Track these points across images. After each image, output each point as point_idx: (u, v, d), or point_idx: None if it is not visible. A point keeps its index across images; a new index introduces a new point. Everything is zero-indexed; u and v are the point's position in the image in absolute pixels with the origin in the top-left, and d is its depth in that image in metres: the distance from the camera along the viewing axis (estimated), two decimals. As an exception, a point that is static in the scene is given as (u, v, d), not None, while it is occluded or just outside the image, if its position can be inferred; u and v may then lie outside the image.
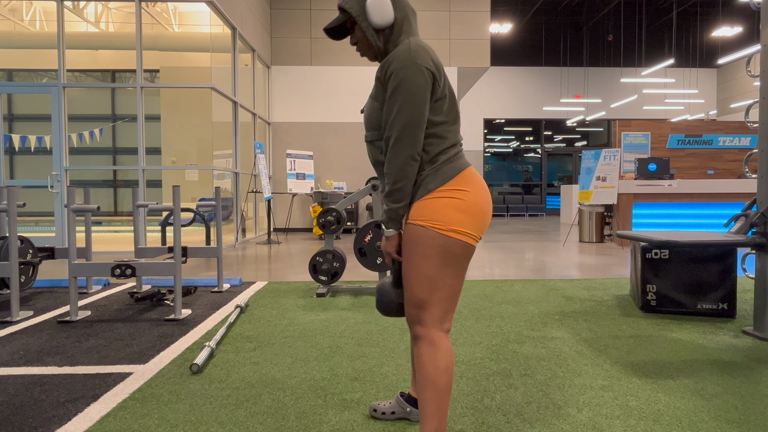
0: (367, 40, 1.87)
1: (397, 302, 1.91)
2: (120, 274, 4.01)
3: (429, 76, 1.75)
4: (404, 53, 1.75)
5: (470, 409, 2.40)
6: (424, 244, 1.78)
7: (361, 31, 1.87)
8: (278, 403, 2.48)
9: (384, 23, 1.81)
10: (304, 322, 3.97)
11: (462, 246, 1.79)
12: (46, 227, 11.64)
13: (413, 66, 1.73)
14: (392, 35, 1.85)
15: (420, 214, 1.79)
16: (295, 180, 10.57)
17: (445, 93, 1.83)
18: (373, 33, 1.84)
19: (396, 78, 1.74)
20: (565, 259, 7.48)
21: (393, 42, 1.85)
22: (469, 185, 1.81)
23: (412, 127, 1.73)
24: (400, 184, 1.75)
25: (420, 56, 1.75)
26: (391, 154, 1.75)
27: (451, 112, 1.84)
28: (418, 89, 1.73)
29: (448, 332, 1.87)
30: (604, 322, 3.95)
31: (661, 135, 10.96)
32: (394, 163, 1.75)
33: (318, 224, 4.84)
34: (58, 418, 2.32)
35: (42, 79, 13.97)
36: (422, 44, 1.80)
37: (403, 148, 1.74)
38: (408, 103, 1.73)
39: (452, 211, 1.77)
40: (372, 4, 1.79)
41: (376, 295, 1.95)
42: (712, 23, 19.50)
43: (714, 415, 2.33)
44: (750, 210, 3.87)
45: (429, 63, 1.76)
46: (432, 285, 1.80)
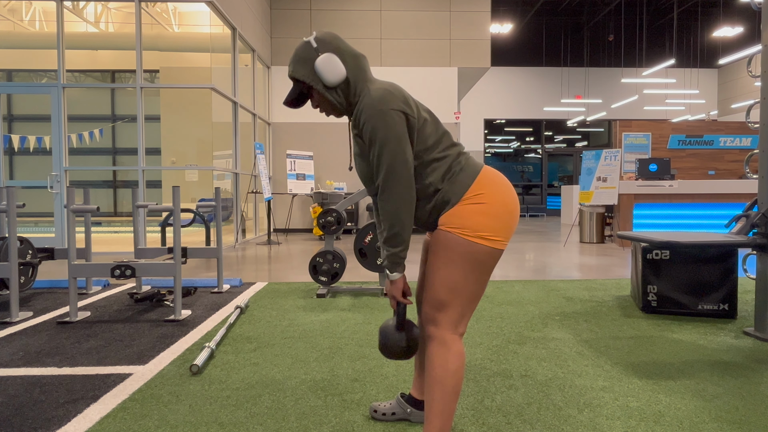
0: (327, 101, 1.87)
1: (400, 346, 1.91)
2: (120, 274, 4.00)
3: (399, 116, 1.76)
4: (370, 103, 1.76)
5: (470, 409, 2.40)
6: (452, 249, 1.79)
7: (318, 94, 1.87)
8: (278, 404, 2.48)
9: (338, 80, 1.81)
10: (304, 323, 3.97)
11: (489, 253, 1.80)
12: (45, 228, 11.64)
13: (381, 113, 1.74)
14: (349, 88, 1.84)
15: (449, 221, 1.81)
16: (295, 180, 10.56)
17: (424, 117, 1.84)
18: (331, 92, 1.84)
19: (368, 129, 1.76)
20: (566, 259, 7.47)
21: (353, 94, 1.85)
22: (489, 186, 1.83)
23: (396, 170, 1.74)
24: (396, 229, 1.76)
25: (385, 101, 1.75)
26: (382, 201, 1.77)
27: (437, 132, 1.86)
28: (392, 133, 1.74)
29: (462, 336, 1.87)
30: (605, 323, 3.94)
31: (661, 135, 10.95)
32: (386, 209, 1.76)
33: (318, 225, 4.84)
34: (58, 419, 2.31)
35: (41, 79, 13.97)
36: (383, 86, 1.80)
37: (392, 192, 1.75)
38: (386, 149, 1.74)
39: (479, 217, 1.79)
40: (321, 65, 1.79)
41: (379, 337, 1.96)
42: (713, 23, 19.50)
43: (715, 416, 2.32)
44: (751, 210, 3.87)
45: (395, 104, 1.76)
46: (453, 288, 1.81)
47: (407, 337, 1.90)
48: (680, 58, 19.75)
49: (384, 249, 1.82)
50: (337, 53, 1.82)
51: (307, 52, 1.82)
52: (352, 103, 1.87)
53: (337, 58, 1.80)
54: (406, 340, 1.90)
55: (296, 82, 1.88)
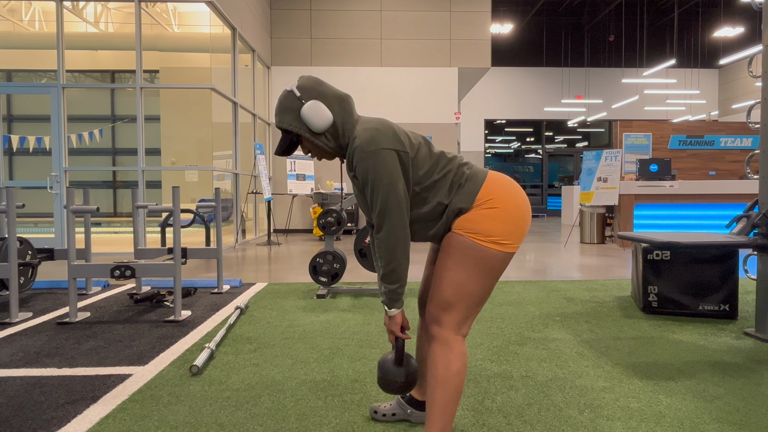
0: (316, 147, 1.88)
1: (398, 381, 1.92)
2: (119, 275, 4.00)
3: (390, 155, 1.77)
4: (360, 145, 1.77)
5: (471, 410, 2.39)
6: (464, 252, 1.80)
7: (308, 141, 1.87)
8: (278, 404, 2.47)
9: (325, 126, 1.81)
10: (305, 324, 3.96)
11: (501, 257, 1.82)
12: (45, 228, 11.64)
13: (372, 154, 1.75)
14: (338, 131, 1.85)
15: (462, 225, 1.82)
16: (295, 181, 10.56)
17: (417, 144, 1.86)
18: (319, 137, 1.85)
19: (361, 170, 1.77)
20: (566, 260, 7.47)
21: (342, 136, 1.86)
22: (498, 190, 1.84)
23: (389, 209, 1.76)
24: (392, 266, 1.78)
25: (375, 141, 1.76)
26: (378, 239, 1.79)
27: (432, 154, 1.87)
28: (384, 172, 1.75)
29: (465, 337, 1.88)
30: (606, 324, 3.94)
31: (662, 136, 10.95)
32: (382, 247, 1.78)
33: (318, 225, 4.83)
34: (58, 420, 2.31)
35: (41, 79, 13.97)
36: (371, 126, 1.80)
37: (388, 230, 1.77)
38: (378, 188, 1.75)
39: (492, 222, 1.80)
40: (306, 113, 1.80)
41: (377, 371, 1.96)
42: (713, 24, 19.49)
43: (715, 417, 2.32)
44: (752, 211, 3.86)
45: (386, 143, 1.77)
46: (460, 290, 1.82)
47: (406, 372, 1.91)
48: (681, 58, 19.75)
49: (382, 285, 1.84)
50: (321, 98, 1.82)
51: (291, 101, 1.83)
52: (342, 145, 1.88)
53: (322, 104, 1.81)
54: (404, 375, 1.91)
55: (285, 132, 1.88)
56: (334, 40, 12.26)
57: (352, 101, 1.90)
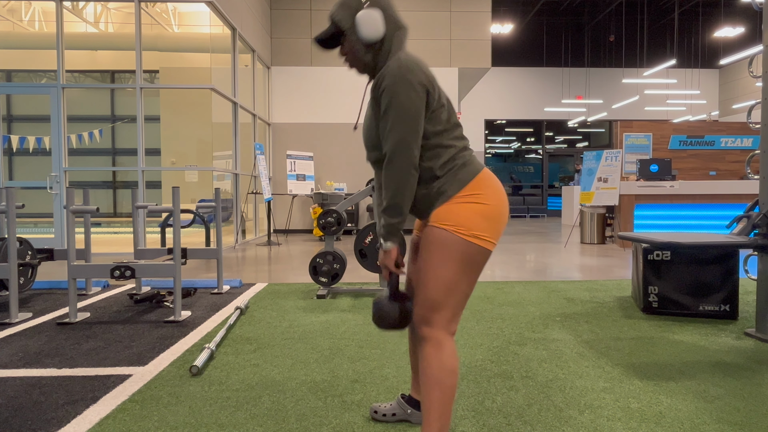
0: (355, 54, 1.85)
1: (393, 316, 1.91)
2: (119, 275, 4.00)
3: (422, 90, 1.74)
4: (395, 69, 1.74)
5: (471, 411, 2.39)
6: (447, 248, 1.78)
7: (350, 44, 1.84)
8: (278, 405, 2.47)
9: (373, 38, 1.79)
10: (305, 324, 3.96)
11: (481, 252, 1.80)
12: (45, 228, 11.63)
13: (405, 82, 1.72)
14: (381, 50, 1.83)
15: (444, 218, 1.79)
16: (295, 181, 10.56)
17: (442, 103, 1.83)
18: (362, 47, 1.82)
19: (388, 94, 1.73)
20: (567, 260, 7.46)
21: (382, 57, 1.83)
22: (487, 188, 1.82)
23: (406, 142, 1.73)
24: (397, 199, 1.75)
25: (411, 71, 1.73)
26: (387, 170, 1.75)
27: (450, 120, 1.84)
28: (410, 104, 1.72)
29: (454, 335, 1.87)
30: (606, 324, 3.93)
31: (662, 136, 10.95)
32: (390, 179, 1.75)
33: (318, 225, 4.83)
34: (57, 420, 2.30)
35: (41, 79, 13.97)
36: (413, 58, 1.78)
37: (399, 163, 1.73)
38: (401, 118, 1.72)
39: (476, 217, 1.78)
40: (362, 18, 1.77)
41: (372, 309, 1.95)
42: (714, 24, 19.49)
43: (716, 417, 2.31)
44: (752, 211, 3.86)
45: (421, 77, 1.75)
46: (448, 288, 1.80)
47: (400, 307, 1.89)
48: (681, 58, 19.75)
49: (382, 218, 1.80)
50: (383, 12, 1.80)
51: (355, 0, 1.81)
52: (378, 65, 1.85)
53: (381, 17, 1.78)
54: (398, 311, 1.90)
55: (332, 24, 1.85)
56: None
57: (406, 34, 1.88)
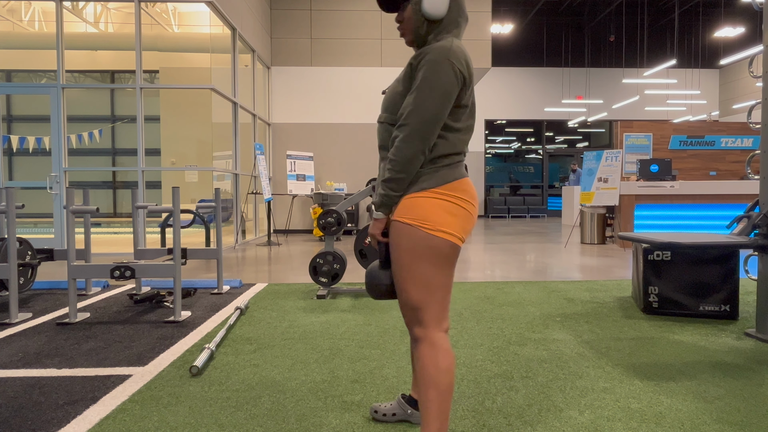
0: (411, 23, 1.85)
1: (385, 283, 1.91)
2: (119, 275, 3.99)
3: (460, 78, 1.74)
4: (443, 49, 1.73)
5: (471, 411, 2.39)
6: (416, 245, 1.77)
7: (410, 12, 1.84)
8: (278, 405, 2.47)
9: (435, 15, 1.79)
10: (305, 324, 3.96)
11: (450, 246, 1.79)
12: (44, 229, 11.63)
13: (447, 63, 1.72)
14: (437, 29, 1.82)
15: (408, 212, 1.78)
16: (295, 181, 10.55)
17: (469, 103, 1.83)
18: (421, 19, 1.82)
19: (427, 69, 1.72)
20: (567, 260, 7.46)
21: (435, 36, 1.83)
22: (460, 192, 1.81)
23: (430, 123, 1.72)
24: (402, 175, 1.74)
25: (457, 57, 1.74)
26: (402, 143, 1.73)
27: (467, 123, 1.84)
28: (445, 87, 1.72)
29: (447, 332, 1.87)
30: (606, 324, 3.93)
31: (663, 136, 10.94)
32: (402, 153, 1.73)
33: (318, 226, 4.83)
34: (57, 421, 2.30)
35: (41, 79, 13.97)
36: (463, 48, 1.79)
37: (415, 141, 1.72)
38: (431, 98, 1.71)
39: (442, 213, 1.77)
40: None
41: (365, 279, 1.95)
42: (714, 24, 19.49)
43: (716, 418, 2.31)
44: (752, 211, 3.86)
45: (463, 66, 1.75)
46: (427, 286, 1.80)
47: (391, 275, 1.88)
48: (681, 58, 19.74)
49: (381, 187, 1.79)
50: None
51: None
52: (428, 42, 1.85)
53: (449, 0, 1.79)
54: (390, 278, 1.89)
55: None
56: (334, 41, 12.25)
57: (466, 24, 1.88)
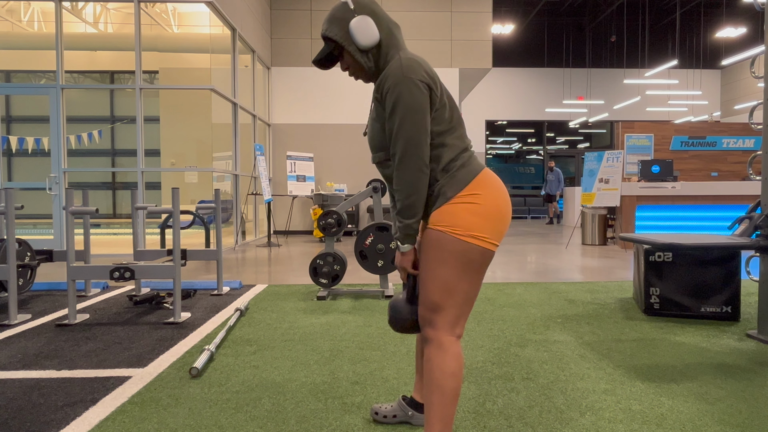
0: (357, 64, 1.86)
1: (410, 319, 1.89)
2: (119, 276, 3.98)
3: (425, 88, 1.75)
4: (397, 69, 1.75)
5: (472, 413, 2.37)
6: (443, 248, 1.77)
7: (349, 55, 1.85)
8: (278, 407, 2.45)
9: (370, 43, 1.80)
10: (305, 326, 3.95)
11: (481, 252, 1.78)
12: (44, 230, 11.62)
13: (407, 81, 1.73)
14: (380, 53, 1.83)
15: (440, 219, 1.78)
16: (295, 182, 10.55)
17: (444, 101, 1.82)
18: (362, 55, 1.83)
19: (392, 95, 1.74)
20: (568, 261, 7.45)
21: (383, 60, 1.84)
22: (486, 188, 1.80)
23: (415, 140, 1.73)
24: (411, 200, 1.75)
25: (413, 70, 1.74)
26: (399, 171, 1.75)
27: (453, 119, 1.84)
28: (415, 103, 1.73)
29: (460, 337, 1.86)
30: (607, 326, 3.92)
31: (664, 137, 10.93)
32: (402, 179, 1.74)
33: (318, 227, 4.82)
34: (57, 422, 2.29)
35: (40, 80, 13.96)
36: (413, 57, 1.79)
37: (409, 162, 1.73)
38: (407, 118, 1.73)
39: (471, 216, 1.76)
40: (355, 26, 1.78)
41: (388, 312, 1.94)
42: (715, 24, 19.48)
43: (718, 419, 2.30)
44: (754, 212, 3.84)
45: (423, 75, 1.75)
46: (447, 289, 1.79)
47: (417, 310, 1.87)
48: (683, 59, 19.73)
49: (397, 220, 1.80)
50: (373, 17, 1.81)
51: (342, 12, 1.81)
52: (381, 68, 1.85)
53: (373, 21, 1.79)
54: (416, 314, 1.88)
55: (328, 42, 1.86)
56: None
57: (401, 31, 1.89)
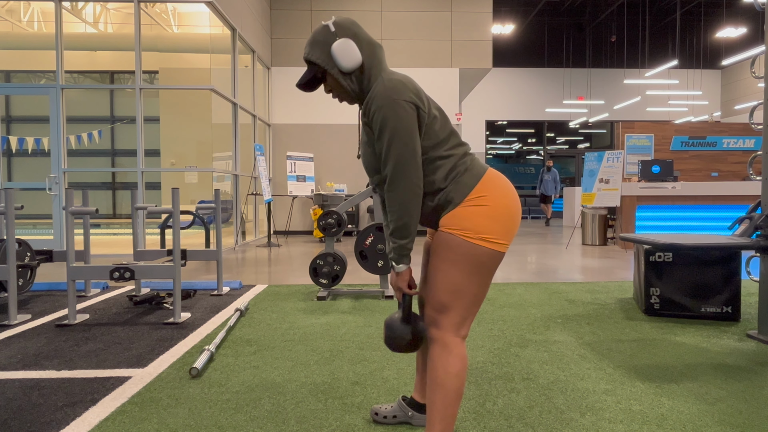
0: (340, 86, 1.86)
1: (406, 339, 1.89)
2: (119, 277, 3.98)
3: (411, 107, 1.75)
4: (381, 92, 1.75)
5: (472, 413, 2.37)
6: (453, 250, 1.78)
7: (332, 78, 1.85)
8: (278, 407, 2.45)
9: (353, 66, 1.80)
10: (305, 326, 3.94)
11: (490, 255, 1.79)
12: (44, 230, 11.62)
13: (393, 102, 1.73)
14: (363, 75, 1.83)
15: (450, 222, 1.79)
16: (295, 182, 10.54)
17: (434, 114, 1.83)
18: (345, 78, 1.83)
19: (378, 118, 1.75)
20: (568, 262, 7.45)
21: (366, 81, 1.84)
22: (493, 189, 1.81)
23: (405, 161, 1.73)
24: (403, 220, 1.75)
25: (397, 91, 1.74)
26: (390, 192, 1.76)
27: (445, 130, 1.85)
28: (402, 124, 1.73)
29: (465, 338, 1.86)
30: (607, 326, 3.92)
31: (664, 137, 10.93)
32: (394, 200, 1.75)
33: (318, 227, 4.81)
34: (57, 423, 2.29)
35: (40, 80, 13.96)
36: (397, 77, 1.79)
37: (400, 183, 1.74)
38: (396, 139, 1.73)
39: (481, 219, 1.77)
40: (337, 49, 1.78)
41: (384, 331, 1.93)
42: (716, 24, 19.48)
43: (718, 420, 2.30)
44: (754, 212, 3.84)
45: (408, 95, 1.75)
46: (454, 291, 1.80)
47: (413, 330, 1.87)
48: (683, 59, 19.73)
49: (391, 241, 1.80)
50: (354, 39, 1.81)
51: (324, 35, 1.81)
52: (365, 90, 1.86)
53: (354, 44, 1.79)
54: (411, 333, 1.88)
55: (311, 65, 1.86)
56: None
57: (383, 52, 1.89)
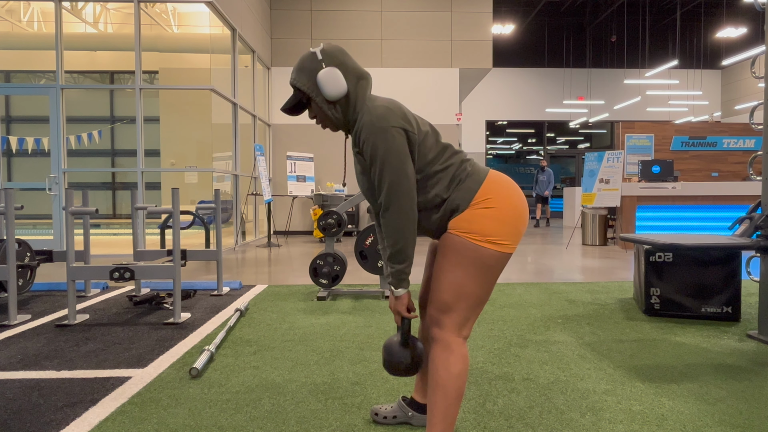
0: (324, 114, 1.86)
1: (404, 363, 1.89)
2: (119, 277, 3.98)
3: (400, 133, 1.76)
4: (369, 121, 1.75)
5: (472, 413, 2.37)
6: (460, 253, 1.79)
7: (317, 105, 1.85)
8: (278, 407, 2.45)
9: (337, 95, 1.80)
10: (305, 326, 3.94)
11: (497, 257, 1.80)
12: (44, 230, 11.62)
13: (381, 130, 1.74)
14: (348, 105, 1.84)
15: (458, 225, 1.80)
16: (295, 182, 10.54)
17: (424, 131, 1.84)
18: (329, 106, 1.83)
19: (369, 147, 1.75)
20: (568, 262, 7.44)
21: (352, 111, 1.84)
22: (497, 190, 1.82)
23: (399, 187, 1.74)
24: (399, 245, 1.76)
25: (385, 118, 1.75)
26: (385, 218, 1.77)
27: (438, 144, 1.86)
28: (391, 151, 1.74)
29: (466, 339, 1.86)
30: (608, 326, 3.91)
31: (664, 137, 10.93)
32: (389, 226, 1.76)
33: (318, 227, 4.81)
34: (57, 423, 2.29)
35: (40, 80, 13.96)
36: (382, 104, 1.79)
37: (394, 209, 1.75)
38: (387, 166, 1.74)
39: (488, 221, 1.78)
40: (323, 78, 1.78)
41: (383, 354, 1.93)
42: (716, 24, 19.48)
43: (718, 420, 2.30)
44: (755, 212, 3.84)
45: (395, 121, 1.76)
46: (459, 291, 1.80)
47: (411, 353, 1.88)
48: (683, 59, 19.73)
49: (388, 266, 1.81)
50: (341, 68, 1.81)
51: (310, 62, 1.81)
52: (350, 120, 1.86)
53: (341, 73, 1.79)
54: (410, 357, 1.88)
55: (297, 91, 1.86)
56: (334, 41, 12.24)
57: (370, 81, 1.89)
